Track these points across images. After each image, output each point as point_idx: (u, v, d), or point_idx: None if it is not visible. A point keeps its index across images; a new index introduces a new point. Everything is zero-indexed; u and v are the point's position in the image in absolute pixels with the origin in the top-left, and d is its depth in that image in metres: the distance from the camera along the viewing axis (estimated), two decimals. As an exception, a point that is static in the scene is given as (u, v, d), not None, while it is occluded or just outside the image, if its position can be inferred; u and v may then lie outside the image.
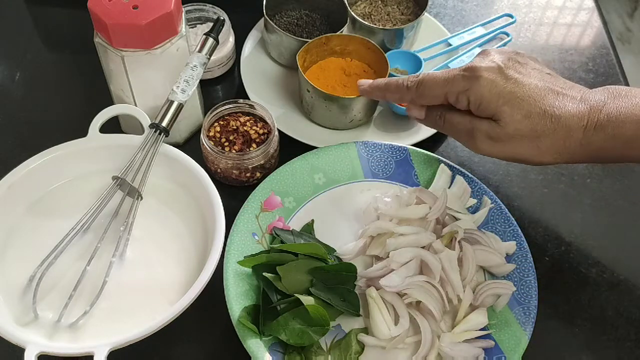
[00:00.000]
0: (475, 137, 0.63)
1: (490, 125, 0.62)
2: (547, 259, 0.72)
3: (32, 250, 0.63)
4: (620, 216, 0.76)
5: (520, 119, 0.61)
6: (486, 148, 0.63)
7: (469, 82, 0.62)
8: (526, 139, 0.61)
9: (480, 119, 0.63)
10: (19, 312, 0.60)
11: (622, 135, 0.59)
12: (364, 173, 0.74)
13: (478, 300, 0.65)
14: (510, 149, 0.62)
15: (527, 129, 0.61)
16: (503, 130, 0.61)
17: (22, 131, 0.80)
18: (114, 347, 0.56)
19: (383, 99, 0.72)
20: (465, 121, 0.64)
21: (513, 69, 0.62)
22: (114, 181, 0.66)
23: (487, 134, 0.63)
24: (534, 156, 0.62)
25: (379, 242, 0.68)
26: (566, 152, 0.61)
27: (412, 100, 0.67)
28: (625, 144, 0.60)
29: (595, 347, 0.66)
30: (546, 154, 0.62)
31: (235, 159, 0.71)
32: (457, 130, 0.65)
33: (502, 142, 0.62)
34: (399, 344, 0.62)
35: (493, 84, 0.61)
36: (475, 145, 0.64)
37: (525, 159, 0.63)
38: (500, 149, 0.63)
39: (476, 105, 0.62)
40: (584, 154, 0.61)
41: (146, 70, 0.69)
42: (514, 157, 0.63)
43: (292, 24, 0.85)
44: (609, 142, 0.60)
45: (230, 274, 0.64)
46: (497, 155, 0.64)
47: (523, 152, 0.62)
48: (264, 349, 0.61)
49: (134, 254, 0.65)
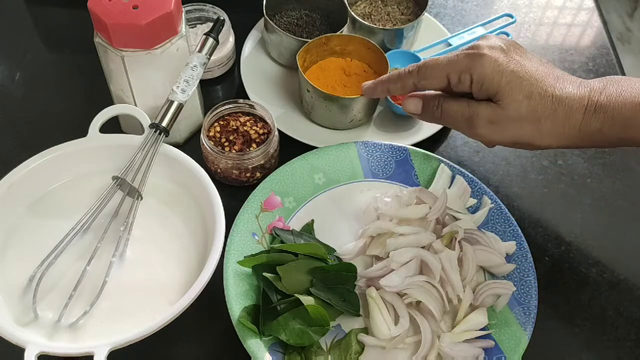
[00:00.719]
0: (475, 122, 0.62)
1: (491, 107, 0.61)
2: (547, 259, 0.72)
3: (32, 250, 0.63)
4: (620, 216, 0.76)
5: (522, 99, 0.60)
6: (486, 133, 0.62)
7: (472, 60, 0.61)
8: (527, 120, 0.61)
9: (479, 103, 0.63)
10: (19, 312, 0.60)
11: (621, 115, 0.59)
12: (364, 173, 0.74)
13: (478, 300, 0.65)
14: (510, 132, 0.62)
15: (528, 110, 0.60)
16: (504, 112, 0.61)
17: (22, 131, 0.80)
18: (114, 347, 0.56)
19: (386, 94, 0.71)
20: (464, 107, 0.63)
21: (514, 52, 0.63)
22: (114, 181, 0.66)
23: (487, 118, 0.62)
24: (534, 139, 0.62)
25: (379, 242, 0.68)
26: (566, 135, 0.61)
27: (414, 86, 0.66)
28: (624, 125, 0.60)
29: (595, 347, 0.66)
30: (546, 136, 0.61)
31: (235, 159, 0.71)
32: (456, 119, 0.64)
33: (502, 125, 0.61)
34: (399, 344, 0.62)
35: (496, 62, 0.61)
36: (475, 131, 0.63)
37: (525, 142, 0.62)
38: (501, 133, 0.62)
39: (479, 85, 0.61)
40: (583, 136, 0.61)
41: (146, 70, 0.69)
42: (514, 141, 0.63)
43: (292, 24, 0.85)
44: (608, 123, 0.60)
45: (230, 274, 0.64)
46: (497, 140, 0.63)
47: (523, 134, 0.61)
48: (264, 349, 0.61)
49: (134, 254, 0.65)
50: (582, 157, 0.80)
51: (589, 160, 0.80)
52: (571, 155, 0.80)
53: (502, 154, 0.80)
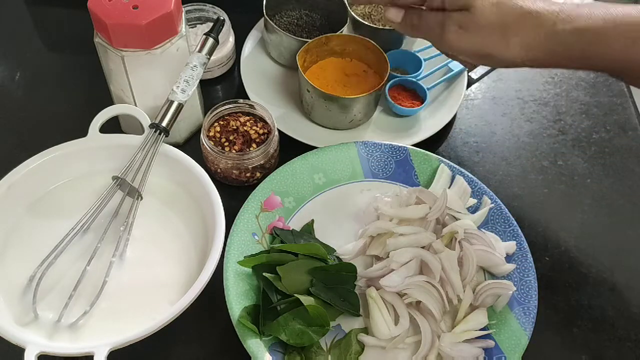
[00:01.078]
0: (446, 28, 0.64)
1: (462, 14, 0.63)
2: (547, 259, 0.72)
3: (32, 250, 0.63)
4: (620, 216, 0.76)
5: (491, 7, 0.62)
6: (455, 39, 0.64)
7: None
8: (495, 28, 0.62)
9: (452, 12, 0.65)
10: (19, 312, 0.60)
11: (590, 29, 0.60)
12: (364, 173, 0.74)
13: (478, 300, 0.65)
14: (478, 40, 0.63)
15: (496, 18, 0.62)
16: (473, 18, 0.62)
17: (22, 131, 0.80)
18: (114, 347, 0.56)
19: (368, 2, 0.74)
20: (439, 15, 0.65)
21: None
22: (114, 181, 0.66)
23: (457, 23, 0.63)
24: (500, 49, 0.63)
25: (379, 242, 0.68)
26: (533, 47, 0.62)
27: None
28: (592, 41, 0.61)
29: (595, 347, 0.66)
30: (513, 48, 0.62)
31: (235, 159, 0.71)
32: (430, 27, 0.66)
33: (471, 32, 0.63)
34: (399, 344, 0.62)
35: None
36: (445, 36, 0.64)
37: (491, 53, 0.63)
38: (469, 41, 0.64)
39: None
40: (549, 51, 0.62)
41: (146, 70, 0.69)
42: (482, 51, 0.64)
43: (292, 24, 0.85)
44: (575, 37, 0.61)
45: (230, 274, 0.64)
46: (465, 49, 0.65)
47: (489, 43, 0.63)
48: (264, 349, 0.61)
49: (134, 254, 0.65)
50: (582, 157, 0.80)
51: (589, 161, 0.80)
52: (571, 156, 0.80)
53: (502, 154, 0.80)
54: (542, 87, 0.87)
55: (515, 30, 0.62)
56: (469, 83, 0.84)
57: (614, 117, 0.84)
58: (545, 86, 0.87)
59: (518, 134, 0.82)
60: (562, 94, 0.86)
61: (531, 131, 0.82)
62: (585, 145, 0.81)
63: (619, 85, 0.86)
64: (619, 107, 0.84)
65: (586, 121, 0.83)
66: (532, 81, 0.87)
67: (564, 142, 0.81)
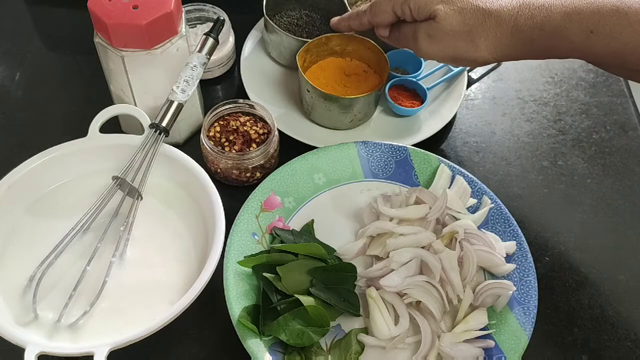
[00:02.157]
0: (417, 37, 0.68)
1: (429, 23, 0.67)
2: (547, 259, 0.72)
3: (32, 250, 0.63)
4: (620, 216, 0.76)
5: (453, 14, 0.64)
6: (426, 47, 0.68)
7: None
8: (460, 34, 0.65)
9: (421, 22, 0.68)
10: (19, 312, 0.60)
11: (550, 24, 0.62)
12: (364, 173, 0.74)
13: (478, 300, 0.65)
14: (447, 45, 0.66)
15: (459, 24, 0.65)
16: (438, 26, 0.66)
17: (22, 131, 0.80)
18: (114, 347, 0.56)
19: (349, 30, 0.79)
20: (412, 27, 0.70)
21: None
22: (114, 181, 0.66)
23: (426, 32, 0.67)
24: (470, 52, 0.66)
25: (379, 242, 0.68)
26: (499, 46, 0.65)
27: (369, 23, 0.74)
28: (553, 34, 0.63)
29: (595, 347, 0.66)
30: (481, 49, 0.65)
31: (235, 159, 0.71)
32: (406, 37, 0.71)
33: (439, 39, 0.66)
34: (399, 344, 0.62)
35: None
36: (417, 45, 0.69)
37: (462, 56, 0.67)
38: (439, 47, 0.67)
39: (416, 11, 0.67)
40: (515, 47, 0.65)
41: (146, 70, 0.69)
42: (453, 55, 0.67)
43: (292, 24, 0.85)
44: (537, 32, 0.63)
45: (230, 274, 0.64)
46: (437, 55, 0.68)
47: (459, 47, 0.66)
48: (264, 349, 0.61)
49: (134, 254, 0.65)
50: (582, 157, 0.80)
51: (589, 161, 0.80)
52: (571, 156, 0.80)
53: (502, 154, 0.80)
54: (542, 87, 0.87)
55: (480, 32, 0.64)
56: (469, 83, 0.84)
57: (614, 117, 0.84)
58: (545, 86, 0.87)
59: (518, 134, 0.82)
60: (562, 94, 0.86)
61: (531, 131, 0.82)
62: (585, 145, 0.81)
63: (619, 85, 0.86)
64: (619, 107, 0.84)
65: (586, 121, 0.83)
66: (532, 81, 0.87)
67: (564, 142, 0.81)
